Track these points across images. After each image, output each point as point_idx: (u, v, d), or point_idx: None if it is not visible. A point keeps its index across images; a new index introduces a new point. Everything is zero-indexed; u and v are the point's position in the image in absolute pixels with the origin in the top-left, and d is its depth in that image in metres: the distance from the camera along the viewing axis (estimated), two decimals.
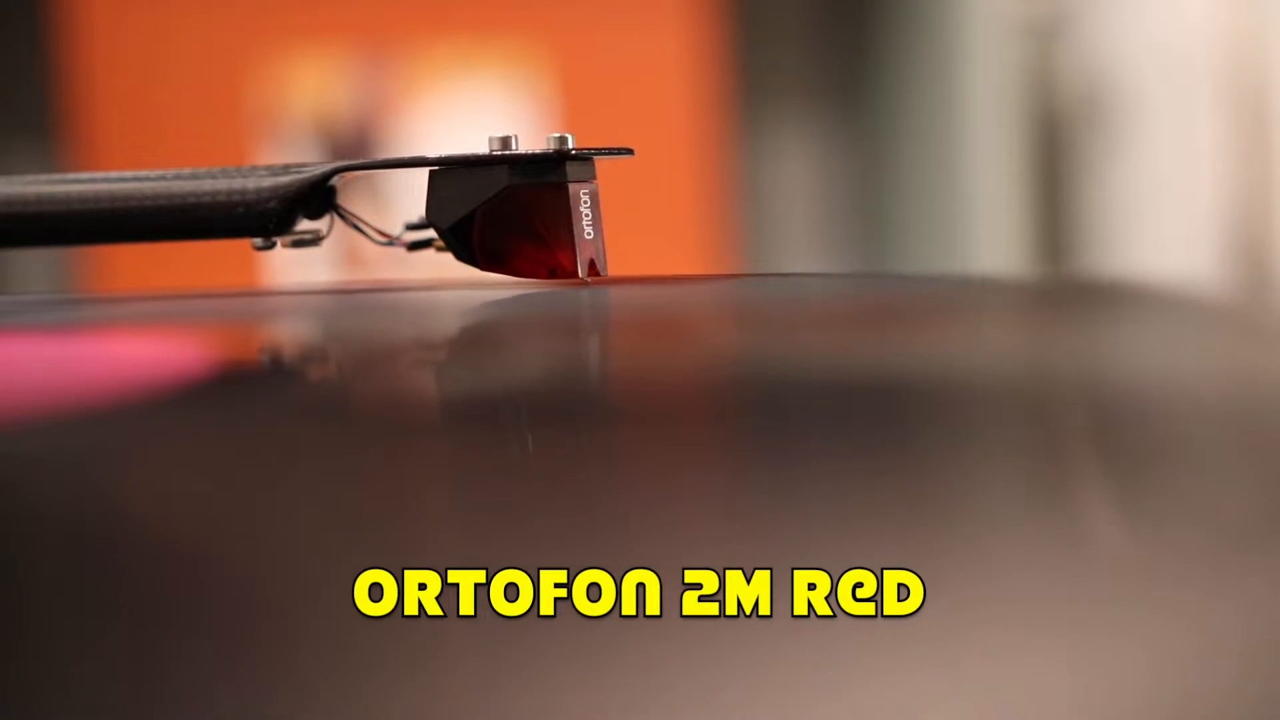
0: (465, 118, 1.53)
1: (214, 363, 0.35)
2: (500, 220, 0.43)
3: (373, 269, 1.39)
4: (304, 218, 0.45)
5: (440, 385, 0.33)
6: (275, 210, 0.44)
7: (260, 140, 1.52)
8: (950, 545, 0.20)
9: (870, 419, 0.28)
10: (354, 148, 1.52)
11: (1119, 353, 0.35)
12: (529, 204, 0.42)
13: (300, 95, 1.53)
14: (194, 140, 1.50)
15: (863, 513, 0.22)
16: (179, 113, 1.51)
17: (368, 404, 0.30)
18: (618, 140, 0.44)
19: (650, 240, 1.50)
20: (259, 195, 0.44)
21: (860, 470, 0.24)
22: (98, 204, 0.45)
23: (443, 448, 0.27)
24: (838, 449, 0.26)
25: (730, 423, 0.29)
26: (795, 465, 0.24)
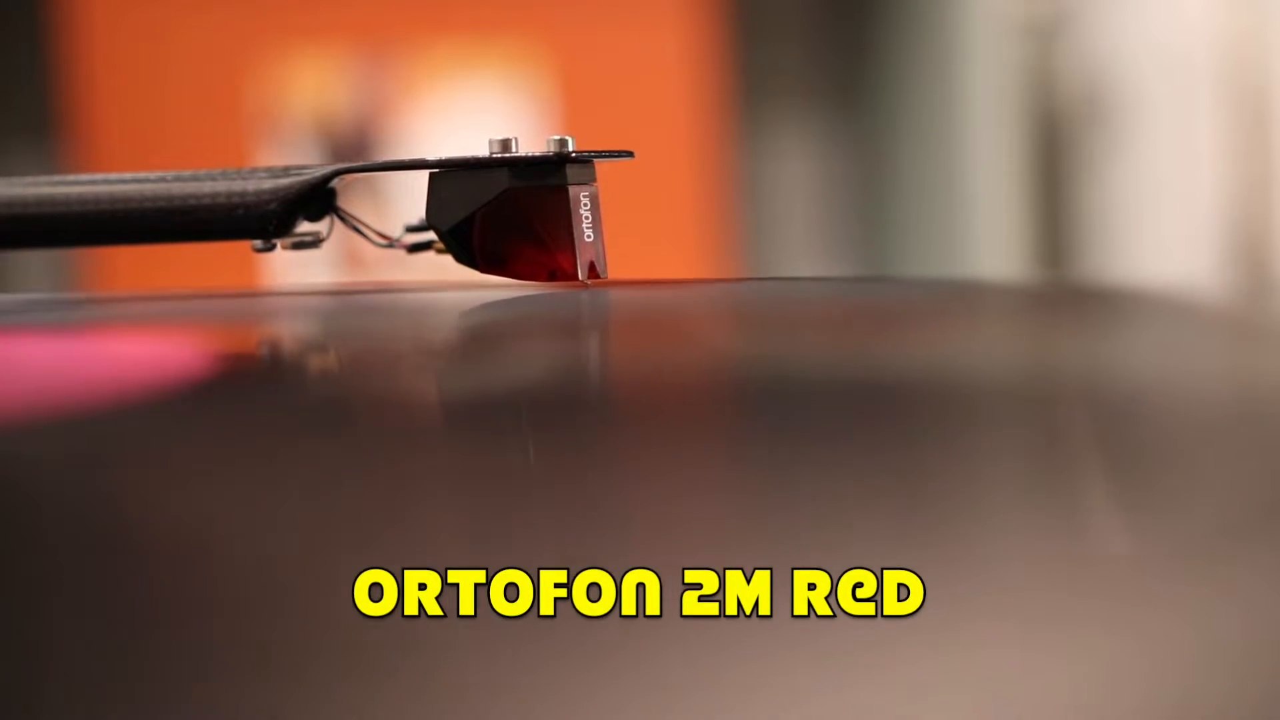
0: (465, 119, 1.53)
1: (214, 363, 0.35)
2: (500, 222, 0.43)
3: (373, 271, 1.39)
4: (304, 220, 0.45)
5: (440, 386, 0.33)
6: (275, 212, 0.44)
7: (260, 141, 1.52)
8: (950, 545, 0.20)
9: (870, 420, 0.28)
10: (354, 149, 1.52)
11: (1118, 356, 0.35)
12: (529, 206, 0.42)
13: (300, 96, 1.53)
14: (194, 141, 1.50)
15: (863, 513, 0.22)
16: (179, 113, 1.51)
17: (368, 404, 0.30)
18: (618, 141, 0.44)
19: (650, 242, 1.50)
20: (259, 197, 0.44)
21: (860, 470, 0.24)
22: (98, 205, 0.45)
23: (443, 448, 0.27)
24: (837, 449, 0.26)
25: (730, 424, 0.29)
26: (795, 466, 0.24)
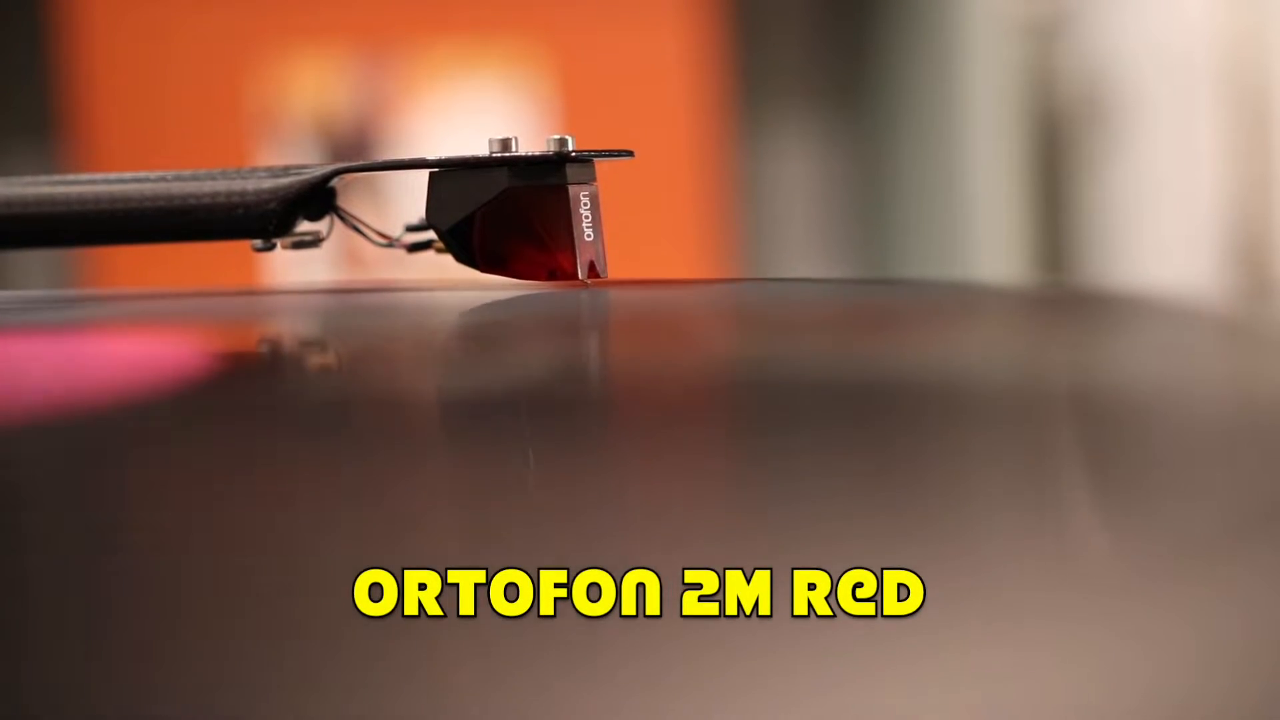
0: (465, 119, 1.53)
1: (213, 362, 0.35)
2: (500, 222, 0.43)
3: (372, 270, 1.39)
4: (304, 219, 0.45)
5: (440, 386, 0.33)
6: (275, 212, 0.44)
7: (260, 141, 1.52)
8: (951, 546, 0.20)
9: (870, 420, 0.28)
10: (354, 148, 1.52)
11: (1117, 359, 0.35)
12: (529, 206, 0.42)
13: (300, 96, 1.53)
14: (194, 141, 1.50)
15: (863, 513, 0.22)
16: (179, 113, 1.51)
17: (368, 404, 0.30)
18: (618, 141, 0.44)
19: (650, 242, 1.50)
20: (259, 197, 0.44)
21: (860, 471, 0.24)
22: (97, 205, 0.45)
23: (443, 448, 0.27)
24: (837, 450, 0.26)
25: (730, 424, 0.29)
26: (795, 466, 0.24)
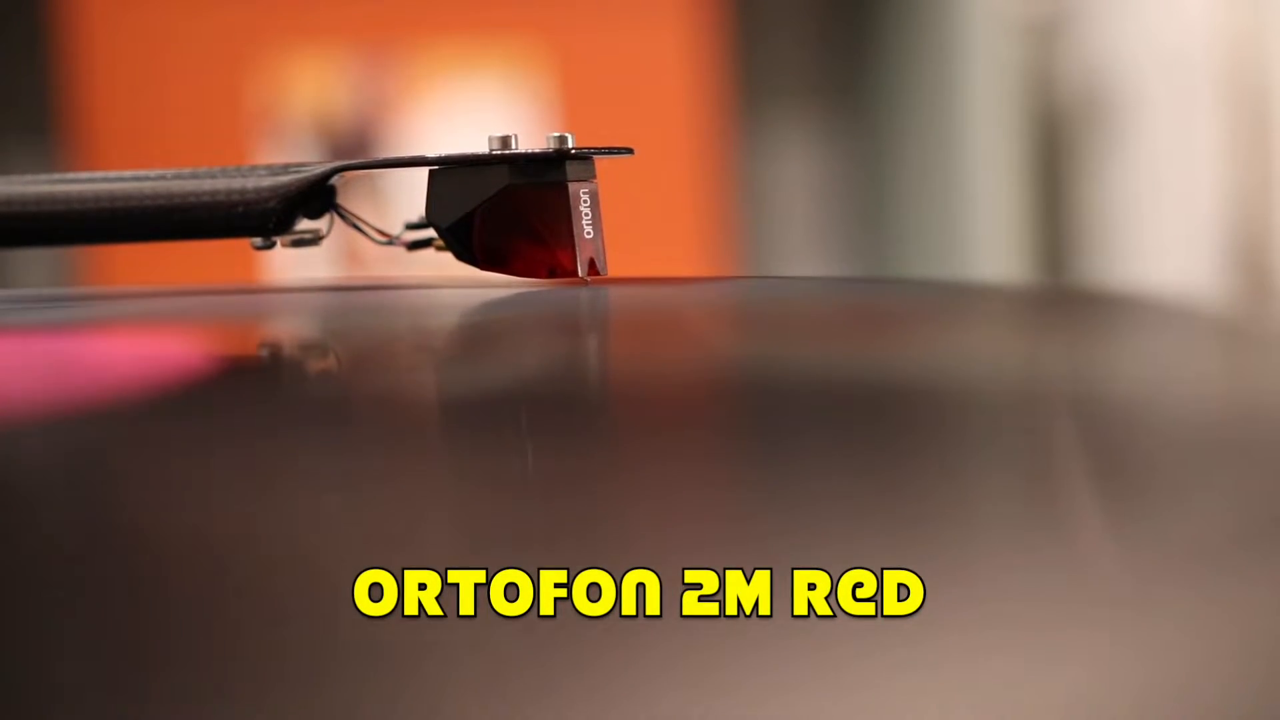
0: (465, 117, 1.53)
1: (213, 361, 0.35)
2: (500, 219, 0.43)
3: (372, 268, 1.39)
4: (304, 217, 0.45)
5: (440, 384, 0.32)
6: (275, 210, 0.44)
7: (260, 140, 1.52)
8: (951, 546, 0.20)
9: (870, 420, 0.28)
10: (354, 148, 1.52)
11: (1117, 360, 0.35)
12: (529, 203, 0.42)
13: (300, 95, 1.53)
14: (194, 140, 1.50)
15: (863, 513, 0.22)
16: (179, 113, 1.51)
17: (367, 403, 0.30)
18: (618, 140, 0.44)
19: (650, 240, 1.50)
20: (259, 195, 0.44)
21: (860, 471, 0.24)
22: (97, 204, 0.45)
23: (442, 447, 0.27)
24: (837, 449, 0.26)
25: (730, 423, 0.29)
26: (795, 465, 0.24)
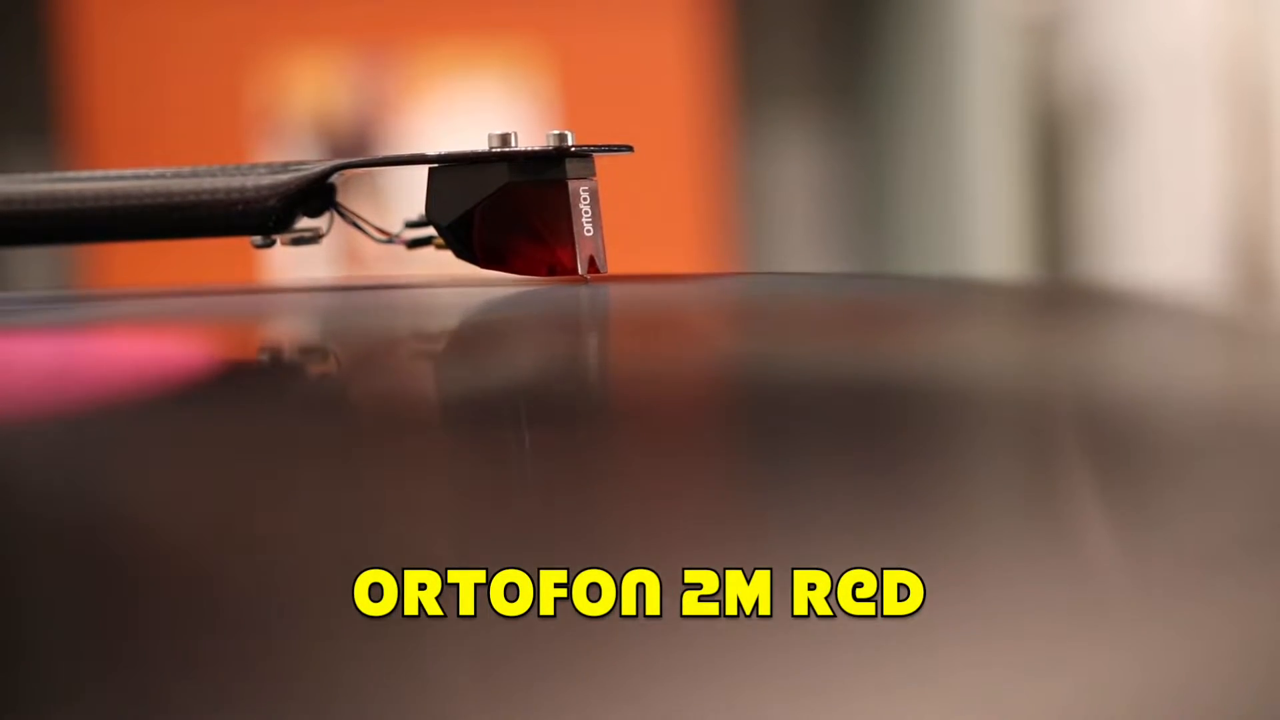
0: (465, 117, 1.53)
1: (213, 361, 0.35)
2: (500, 217, 0.43)
3: (372, 267, 1.39)
4: (304, 215, 0.45)
5: (440, 384, 0.32)
6: (275, 208, 0.44)
7: (260, 139, 1.52)
8: (950, 546, 0.20)
9: (870, 420, 0.27)
10: (354, 147, 1.52)
11: (1115, 358, 0.35)
12: (529, 201, 0.42)
13: (300, 95, 1.53)
14: (194, 140, 1.50)
15: (863, 513, 0.22)
16: (179, 113, 1.51)
17: (368, 403, 0.30)
18: (618, 139, 0.44)
19: (650, 238, 1.50)
20: (258, 193, 0.44)
21: (860, 470, 0.24)
22: (97, 202, 0.45)
23: (443, 447, 0.27)
24: (837, 449, 0.25)
25: (730, 422, 0.29)
26: (795, 465, 0.24)
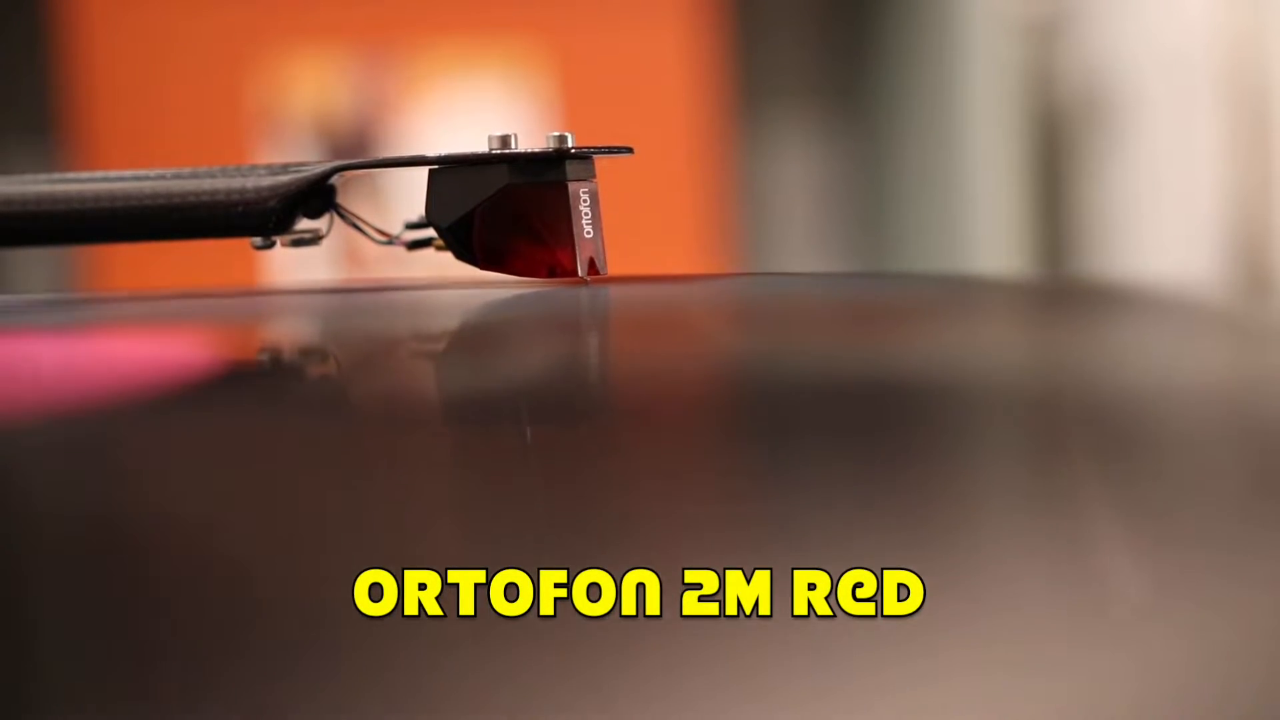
0: (465, 117, 1.53)
1: (213, 362, 0.35)
2: (500, 219, 0.43)
3: (372, 268, 1.39)
4: (304, 217, 0.45)
5: (440, 385, 0.32)
6: (275, 209, 0.44)
7: (260, 140, 1.52)
8: (950, 546, 0.20)
9: (870, 419, 0.27)
10: (354, 148, 1.52)
11: (1116, 355, 0.35)
12: (529, 203, 0.42)
13: (300, 95, 1.53)
14: (194, 140, 1.50)
15: (863, 513, 0.22)
16: (179, 112, 1.51)
17: (368, 403, 0.30)
18: (618, 140, 0.44)
19: (650, 239, 1.50)
20: (258, 194, 0.44)
21: (860, 470, 0.24)
22: (97, 203, 0.45)
23: (443, 447, 0.27)
24: (837, 449, 0.26)
25: (730, 422, 0.29)
26: (795, 465, 0.24)
